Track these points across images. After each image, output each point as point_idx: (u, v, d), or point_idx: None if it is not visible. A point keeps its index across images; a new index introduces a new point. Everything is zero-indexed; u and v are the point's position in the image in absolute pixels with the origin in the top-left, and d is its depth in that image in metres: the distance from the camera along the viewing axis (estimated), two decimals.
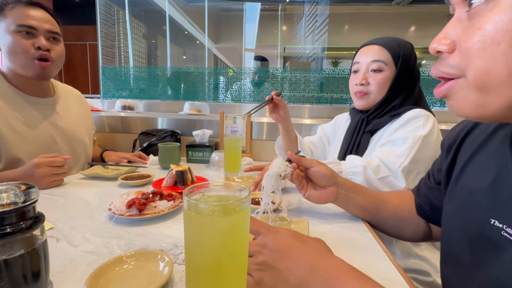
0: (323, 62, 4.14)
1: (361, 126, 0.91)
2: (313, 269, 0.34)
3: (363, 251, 0.51)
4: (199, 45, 5.43)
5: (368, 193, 0.65)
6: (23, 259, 0.31)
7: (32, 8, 0.89)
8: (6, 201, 0.30)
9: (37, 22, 0.88)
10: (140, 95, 2.06)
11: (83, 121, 1.12)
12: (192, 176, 0.84)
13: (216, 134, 1.42)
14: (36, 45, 0.87)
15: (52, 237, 0.51)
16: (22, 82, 0.93)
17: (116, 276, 0.38)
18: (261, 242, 0.39)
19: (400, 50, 0.84)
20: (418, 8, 4.14)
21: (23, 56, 0.87)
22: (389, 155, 0.76)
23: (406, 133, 0.78)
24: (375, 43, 0.88)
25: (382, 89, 0.86)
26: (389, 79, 0.85)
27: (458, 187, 0.45)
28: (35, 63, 0.88)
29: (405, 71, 0.85)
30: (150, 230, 0.56)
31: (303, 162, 0.64)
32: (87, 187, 0.83)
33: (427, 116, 0.79)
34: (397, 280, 0.42)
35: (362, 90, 0.88)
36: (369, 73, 0.87)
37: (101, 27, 2.24)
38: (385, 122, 0.86)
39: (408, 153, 0.74)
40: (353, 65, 0.93)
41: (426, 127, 0.77)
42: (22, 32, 0.86)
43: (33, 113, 0.93)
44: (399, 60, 0.84)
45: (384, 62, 0.84)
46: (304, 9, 3.66)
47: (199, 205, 0.32)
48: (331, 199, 0.63)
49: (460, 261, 0.42)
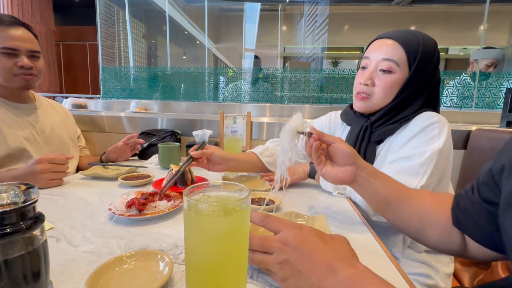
0: (323, 62, 4.14)
1: (365, 134, 0.80)
2: (336, 273, 0.34)
3: (363, 251, 0.51)
4: (199, 45, 5.44)
5: (392, 183, 0.59)
6: (23, 259, 0.31)
7: (13, 28, 0.93)
8: (6, 201, 0.29)
9: (19, 42, 0.93)
10: (140, 95, 2.06)
11: (64, 122, 1.16)
12: (192, 176, 0.84)
13: (216, 134, 1.42)
14: (19, 65, 0.94)
15: (52, 237, 0.51)
16: (4, 91, 0.98)
17: (116, 276, 0.38)
18: (283, 238, 0.38)
19: (419, 49, 0.72)
20: (418, 8, 4.14)
21: (6, 73, 0.94)
22: (402, 173, 0.67)
23: (421, 145, 0.68)
24: (390, 37, 0.75)
25: (387, 94, 0.75)
26: (399, 83, 0.74)
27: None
28: (18, 78, 0.95)
29: (421, 76, 0.72)
30: (150, 230, 0.56)
31: (325, 137, 0.57)
32: (87, 187, 0.83)
33: (441, 122, 0.69)
34: (397, 280, 0.42)
35: (365, 91, 0.78)
36: (377, 72, 0.76)
37: (101, 27, 2.24)
38: (393, 130, 0.76)
39: (424, 170, 0.66)
40: (362, 60, 0.81)
41: (442, 137, 0.68)
42: (5, 54, 0.92)
43: (14, 113, 0.99)
44: (415, 61, 0.72)
45: (396, 62, 0.73)
46: (304, 9, 3.66)
47: (199, 205, 0.32)
48: (348, 180, 0.58)
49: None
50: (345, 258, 0.36)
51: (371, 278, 0.33)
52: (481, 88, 1.72)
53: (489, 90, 1.71)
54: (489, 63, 1.98)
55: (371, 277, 0.33)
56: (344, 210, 0.70)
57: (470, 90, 1.74)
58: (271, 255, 0.38)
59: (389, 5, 3.95)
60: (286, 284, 0.36)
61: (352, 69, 1.80)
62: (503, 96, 1.64)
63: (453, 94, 1.76)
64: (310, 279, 0.34)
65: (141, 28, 3.44)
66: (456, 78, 1.81)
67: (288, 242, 0.37)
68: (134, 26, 2.99)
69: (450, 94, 1.77)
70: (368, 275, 0.34)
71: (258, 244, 0.39)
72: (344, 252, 0.38)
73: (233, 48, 5.25)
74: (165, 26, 2.65)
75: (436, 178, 0.68)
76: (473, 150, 1.25)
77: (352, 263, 0.36)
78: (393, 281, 0.38)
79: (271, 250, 0.38)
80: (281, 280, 0.37)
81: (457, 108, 1.75)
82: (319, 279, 0.34)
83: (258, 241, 0.39)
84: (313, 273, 0.34)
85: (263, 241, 0.39)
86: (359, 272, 0.34)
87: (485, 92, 1.72)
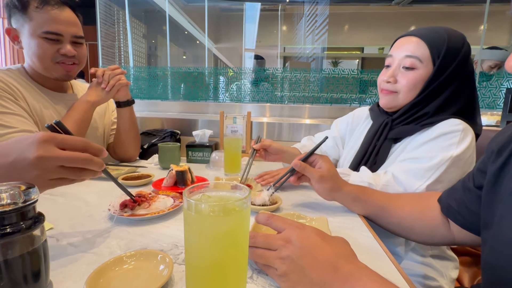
0: (323, 62, 4.13)
1: (383, 131, 0.80)
2: (337, 270, 0.35)
3: (363, 251, 0.51)
4: (199, 45, 5.43)
5: (368, 203, 0.65)
6: (23, 259, 0.31)
7: (59, 9, 0.86)
8: (6, 201, 0.29)
9: (64, 26, 0.87)
10: (139, 95, 2.06)
11: (103, 113, 1.14)
12: (192, 176, 0.84)
13: (216, 134, 1.42)
14: (62, 52, 0.88)
15: (52, 237, 0.51)
16: (44, 80, 0.94)
17: (116, 276, 0.38)
18: (286, 236, 0.39)
19: (444, 45, 0.70)
20: (418, 8, 4.14)
21: (47, 60, 0.88)
22: (407, 174, 0.67)
23: (434, 150, 0.67)
24: (415, 35, 0.74)
25: (412, 90, 0.74)
26: (423, 80, 0.73)
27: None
28: (59, 66, 0.90)
29: (447, 71, 0.71)
30: (150, 230, 0.56)
31: (307, 173, 0.65)
32: (87, 187, 0.83)
33: (464, 131, 0.67)
34: (398, 280, 0.42)
35: (388, 88, 0.77)
36: (400, 69, 0.76)
37: (101, 27, 2.24)
38: (412, 131, 0.75)
39: (430, 175, 0.66)
40: (386, 58, 0.81)
41: (461, 146, 0.66)
42: (47, 39, 0.85)
43: (59, 109, 0.96)
44: (439, 57, 0.70)
45: (419, 59, 0.72)
46: (304, 9, 3.66)
47: (199, 205, 0.32)
48: (328, 198, 0.67)
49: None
50: (345, 256, 0.37)
51: (370, 275, 0.34)
52: (482, 88, 1.72)
53: (489, 90, 1.71)
54: (493, 64, 1.94)
55: (370, 273, 0.34)
56: (345, 211, 0.70)
57: None
58: (274, 251, 0.38)
59: (389, 5, 3.95)
60: (286, 280, 0.37)
61: (352, 69, 1.80)
62: (503, 96, 1.64)
63: None
64: (311, 275, 0.35)
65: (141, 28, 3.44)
66: None
67: (290, 240, 0.38)
68: (134, 26, 2.99)
69: None
70: (367, 272, 0.35)
71: (261, 241, 0.40)
72: (344, 251, 0.39)
73: (233, 48, 5.25)
74: (165, 26, 2.65)
75: (444, 186, 0.66)
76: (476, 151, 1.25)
77: (352, 261, 0.37)
78: (393, 281, 0.38)
79: (274, 247, 0.39)
80: (281, 275, 0.37)
81: None
82: (320, 275, 0.35)
83: (262, 239, 0.40)
84: (314, 269, 0.35)
85: (266, 239, 0.40)
86: (359, 269, 0.35)
87: (485, 92, 1.72)
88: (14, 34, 0.89)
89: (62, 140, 0.44)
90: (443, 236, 0.59)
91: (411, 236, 0.64)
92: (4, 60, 3.61)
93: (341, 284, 0.33)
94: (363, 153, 0.84)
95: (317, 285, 0.34)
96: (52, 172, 0.43)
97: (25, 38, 0.87)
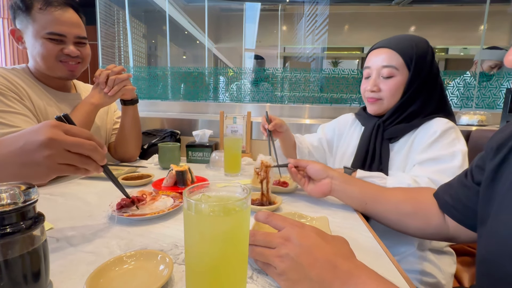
0: (323, 62, 4.13)
1: (377, 132, 0.86)
2: (336, 268, 0.35)
3: (363, 251, 0.51)
4: (199, 45, 5.43)
5: (365, 186, 0.68)
6: (23, 259, 0.31)
7: (62, 10, 0.87)
8: (6, 201, 0.29)
9: (67, 27, 0.88)
10: (139, 95, 2.06)
11: (105, 113, 1.14)
12: (192, 176, 0.84)
13: (216, 134, 1.42)
14: (65, 52, 0.89)
15: (52, 237, 0.51)
16: (48, 79, 0.95)
17: (116, 276, 0.38)
18: (285, 235, 0.39)
19: (414, 51, 0.78)
20: (418, 8, 4.13)
21: (51, 59, 0.89)
22: (441, 175, 0.70)
23: (446, 147, 0.74)
24: (386, 46, 0.82)
25: (395, 95, 0.82)
26: (402, 84, 0.81)
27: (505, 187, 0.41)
28: (63, 65, 0.91)
29: (420, 73, 0.79)
30: (150, 230, 0.56)
31: (300, 163, 0.74)
32: (87, 187, 0.83)
33: (454, 127, 0.77)
34: (398, 280, 0.42)
35: (373, 96, 0.84)
36: (380, 79, 0.83)
37: (101, 27, 2.24)
38: (404, 131, 0.82)
39: (462, 170, 0.69)
40: (364, 70, 0.89)
41: (461, 140, 0.74)
42: (51, 39, 0.86)
43: (62, 108, 0.96)
44: (412, 62, 0.78)
45: (395, 67, 0.80)
46: (304, 9, 3.65)
47: (199, 205, 0.32)
48: (327, 191, 0.70)
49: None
50: (344, 255, 0.37)
51: (369, 273, 0.34)
52: (482, 88, 1.72)
53: (490, 90, 1.71)
54: (493, 64, 1.92)
55: (369, 272, 0.35)
56: (345, 211, 0.70)
57: (470, 91, 1.74)
58: (273, 249, 0.39)
59: (389, 5, 3.95)
60: (285, 278, 0.37)
61: (352, 69, 1.80)
62: (503, 96, 1.64)
63: (453, 95, 1.76)
64: (310, 273, 0.35)
65: (141, 28, 3.44)
66: (456, 79, 1.81)
67: (290, 238, 0.38)
68: (134, 26, 2.99)
69: (450, 94, 1.77)
70: (366, 270, 0.35)
71: (261, 239, 0.40)
72: (343, 250, 0.39)
73: (233, 48, 5.25)
74: (165, 26, 2.65)
75: None
76: (473, 150, 1.25)
77: (350, 259, 0.37)
78: (393, 281, 0.38)
79: (273, 245, 0.39)
80: (280, 273, 0.37)
81: (457, 108, 1.75)
82: (319, 273, 0.35)
83: (261, 237, 0.40)
84: (313, 267, 0.35)
85: (265, 237, 0.40)
86: (357, 267, 0.35)
87: (486, 93, 1.72)
88: (18, 35, 0.90)
89: (69, 128, 0.48)
90: (438, 225, 0.60)
91: (407, 226, 0.64)
92: (4, 60, 3.62)
93: (340, 282, 0.34)
94: (364, 153, 0.88)
95: (316, 283, 0.34)
96: (60, 155, 0.46)
97: (29, 39, 0.87)
